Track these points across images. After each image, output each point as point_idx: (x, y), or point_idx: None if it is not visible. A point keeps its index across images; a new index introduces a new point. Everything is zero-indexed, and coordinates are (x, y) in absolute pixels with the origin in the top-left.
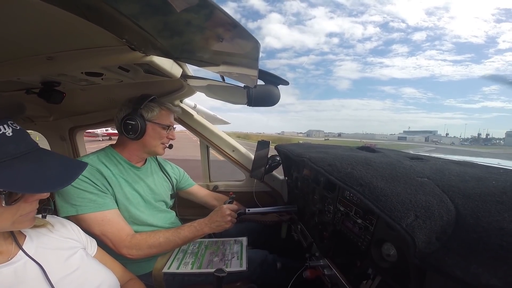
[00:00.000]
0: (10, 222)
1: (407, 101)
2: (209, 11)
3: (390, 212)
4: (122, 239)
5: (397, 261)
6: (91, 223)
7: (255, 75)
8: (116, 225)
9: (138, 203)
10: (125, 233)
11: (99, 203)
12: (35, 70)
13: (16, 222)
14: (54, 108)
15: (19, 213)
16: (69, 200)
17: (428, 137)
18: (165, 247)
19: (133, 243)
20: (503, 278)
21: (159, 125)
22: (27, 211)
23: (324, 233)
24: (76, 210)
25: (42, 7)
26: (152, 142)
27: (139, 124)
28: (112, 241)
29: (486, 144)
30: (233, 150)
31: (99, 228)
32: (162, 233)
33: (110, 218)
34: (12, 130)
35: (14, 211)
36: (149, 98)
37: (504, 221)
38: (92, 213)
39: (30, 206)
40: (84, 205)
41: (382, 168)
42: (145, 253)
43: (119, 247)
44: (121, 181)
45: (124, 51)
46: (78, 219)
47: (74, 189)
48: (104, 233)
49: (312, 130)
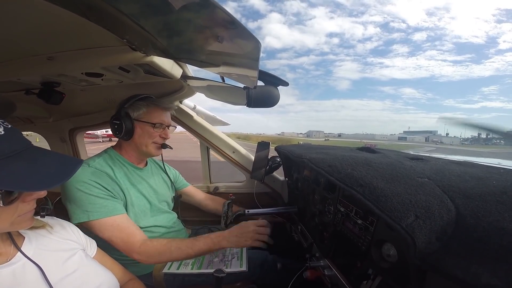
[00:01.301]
0: (8, 223)
1: (407, 102)
2: (210, 10)
3: (390, 212)
4: (132, 245)
5: (397, 262)
6: (102, 229)
7: (255, 76)
8: (126, 230)
9: (144, 205)
10: (136, 239)
11: (110, 209)
12: (35, 70)
13: (14, 223)
14: (54, 109)
15: (17, 214)
16: (80, 206)
17: (428, 137)
18: (176, 256)
19: (142, 250)
20: (503, 278)
21: (146, 123)
22: (25, 211)
23: (325, 234)
24: (88, 216)
25: (43, 6)
26: (142, 141)
27: (124, 123)
28: (122, 246)
29: (487, 144)
30: (234, 152)
31: (109, 233)
32: (175, 242)
33: (119, 223)
34: (3, 128)
35: (12, 212)
36: (138, 97)
37: (505, 221)
38: (102, 219)
39: (28, 206)
40: (95, 211)
41: (382, 169)
42: (155, 260)
43: (130, 252)
44: (128, 184)
45: (125, 51)
46: (90, 225)
47: (85, 195)
48: (114, 239)
49: (312, 130)
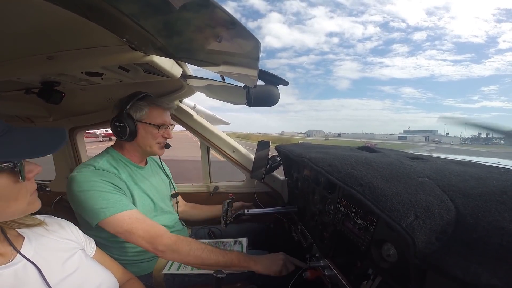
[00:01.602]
0: (26, 202)
1: (407, 101)
2: (210, 10)
3: (390, 212)
4: (159, 235)
5: (397, 261)
6: (120, 223)
7: (255, 75)
8: (147, 221)
9: (148, 204)
10: (162, 230)
11: (125, 203)
12: (35, 70)
13: (30, 203)
14: (54, 109)
15: (29, 191)
16: (94, 204)
17: (428, 136)
18: (205, 257)
19: (173, 241)
20: (503, 277)
21: (150, 125)
22: (32, 190)
23: (324, 234)
24: (104, 213)
25: (43, 5)
26: (146, 142)
27: (127, 125)
28: (145, 237)
29: (487, 143)
30: (234, 151)
31: (128, 226)
32: (205, 245)
33: (137, 216)
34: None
35: (26, 189)
36: (137, 97)
37: (505, 221)
38: (119, 213)
39: (32, 184)
40: (110, 206)
41: (382, 168)
42: (180, 256)
43: (153, 242)
44: (132, 184)
45: (125, 51)
46: (106, 223)
47: (98, 193)
48: (136, 230)
49: (312, 130)
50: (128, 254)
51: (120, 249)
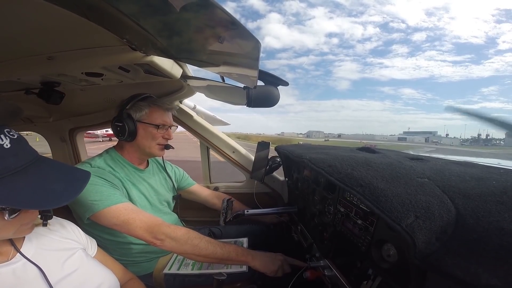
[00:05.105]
0: (12, 232)
1: (407, 102)
2: (210, 10)
3: (390, 212)
4: (157, 224)
5: (397, 262)
6: (115, 214)
7: (255, 75)
8: (143, 212)
9: (144, 205)
10: (160, 219)
11: (118, 196)
12: (35, 70)
13: (17, 232)
14: (54, 109)
15: (20, 223)
16: (87, 198)
17: (428, 137)
18: (203, 247)
19: (172, 229)
20: (503, 278)
21: (150, 125)
22: (28, 221)
23: (324, 234)
24: (97, 206)
25: (43, 6)
26: (145, 143)
27: (127, 125)
28: (143, 226)
29: (487, 145)
30: (234, 152)
31: (125, 216)
32: (204, 236)
33: (132, 207)
34: (10, 140)
35: (16, 223)
36: (138, 98)
37: (504, 221)
38: (113, 206)
39: (32, 216)
40: (104, 199)
41: (382, 169)
42: (179, 246)
43: (155, 231)
44: (129, 184)
45: (125, 51)
46: (100, 216)
47: (91, 186)
48: (132, 221)
49: (312, 131)
50: (129, 254)
51: (121, 249)
